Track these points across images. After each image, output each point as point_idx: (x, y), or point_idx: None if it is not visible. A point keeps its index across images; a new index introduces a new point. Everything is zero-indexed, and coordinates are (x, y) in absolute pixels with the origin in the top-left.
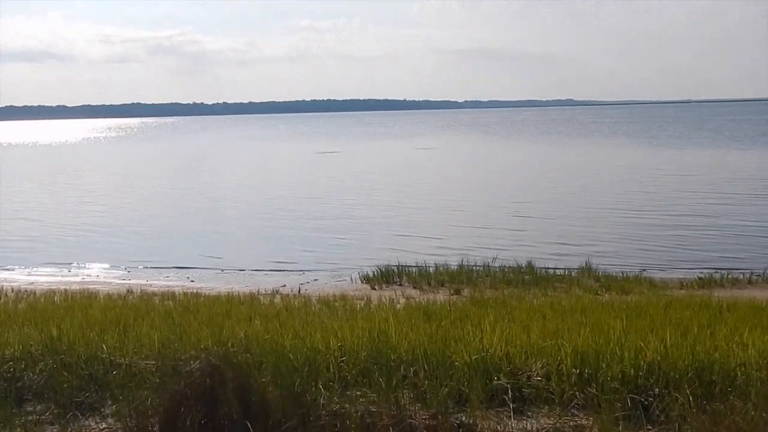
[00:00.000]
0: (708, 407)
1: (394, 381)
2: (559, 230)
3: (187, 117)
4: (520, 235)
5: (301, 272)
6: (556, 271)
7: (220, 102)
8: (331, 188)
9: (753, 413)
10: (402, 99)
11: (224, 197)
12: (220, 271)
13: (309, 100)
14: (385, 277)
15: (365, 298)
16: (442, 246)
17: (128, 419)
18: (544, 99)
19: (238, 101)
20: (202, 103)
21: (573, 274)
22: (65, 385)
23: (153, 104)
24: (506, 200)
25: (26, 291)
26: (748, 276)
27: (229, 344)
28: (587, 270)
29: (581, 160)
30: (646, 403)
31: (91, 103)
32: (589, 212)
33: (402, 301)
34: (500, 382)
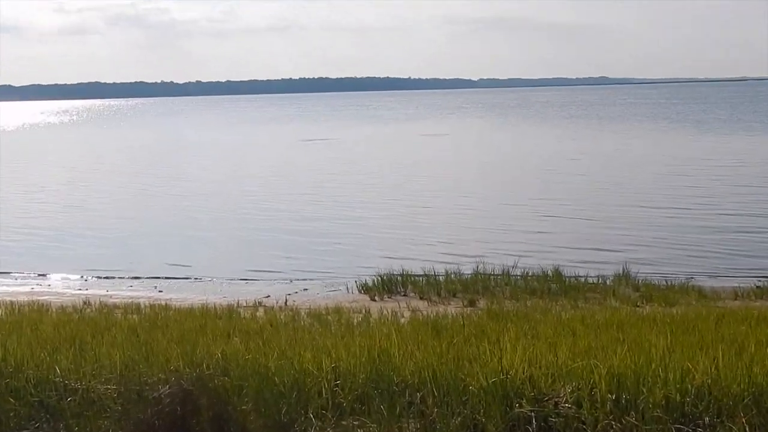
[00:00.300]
0: None
1: (398, 408)
2: (591, 232)
3: (154, 98)
4: (544, 237)
5: (288, 281)
6: (588, 279)
7: (193, 81)
8: (320, 183)
9: None
10: (407, 77)
11: (196, 194)
12: (192, 280)
13: (297, 78)
14: (387, 286)
15: (363, 311)
16: (454, 251)
17: None
18: (574, 77)
19: (214, 80)
20: (172, 83)
21: (608, 282)
22: (12, 414)
23: (114, 83)
24: (528, 197)
25: None
26: None
27: (204, 365)
28: (625, 278)
29: (615, 149)
30: None
31: (42, 83)
32: (626, 211)
33: (407, 314)
34: (522, 409)
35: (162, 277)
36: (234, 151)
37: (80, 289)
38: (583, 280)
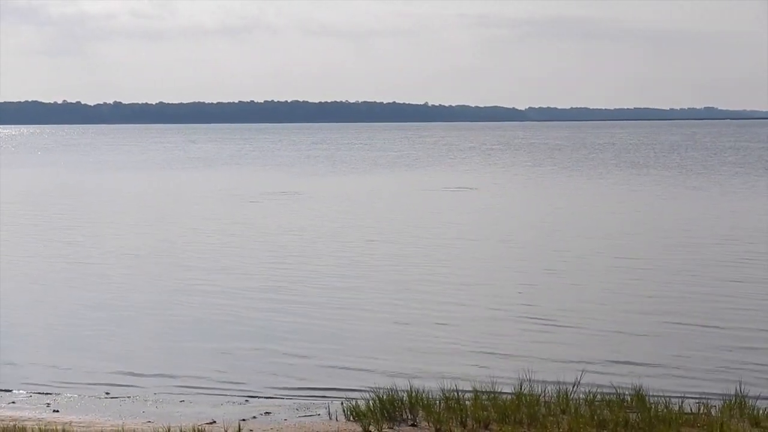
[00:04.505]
0: None
1: None
2: (683, 335)
3: (51, 126)
4: (617, 340)
5: (244, 399)
6: (685, 405)
7: (110, 102)
8: (289, 254)
9: None
10: (421, 103)
11: (107, 268)
12: (102, 396)
13: (261, 101)
14: (388, 411)
15: None
16: (484, 359)
17: None
18: (666, 107)
19: (140, 101)
20: (79, 104)
21: (714, 411)
22: None
23: None
24: (593, 285)
25: None
26: None
27: None
28: (738, 405)
29: (714, 221)
30: None
31: None
32: (739, 309)
33: None
34: None
35: (58, 387)
36: (160, 207)
37: None
38: (676, 407)
